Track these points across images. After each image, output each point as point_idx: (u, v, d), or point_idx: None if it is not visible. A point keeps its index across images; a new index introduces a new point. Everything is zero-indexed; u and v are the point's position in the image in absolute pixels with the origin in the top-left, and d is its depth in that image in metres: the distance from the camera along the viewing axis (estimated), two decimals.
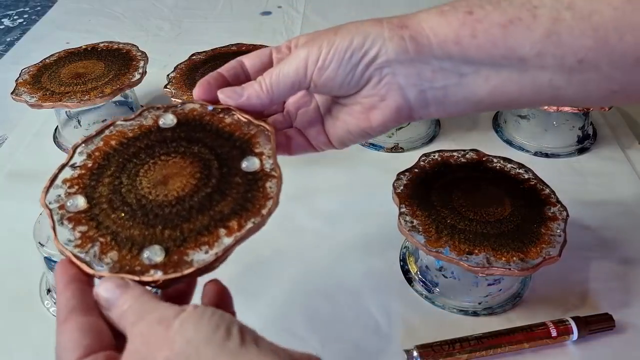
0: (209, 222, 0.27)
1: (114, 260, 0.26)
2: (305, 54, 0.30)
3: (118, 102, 0.61)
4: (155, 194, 0.28)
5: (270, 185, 0.29)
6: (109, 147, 0.31)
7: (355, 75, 0.30)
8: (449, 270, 0.41)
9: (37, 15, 0.91)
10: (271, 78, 0.31)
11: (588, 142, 0.58)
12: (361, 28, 0.30)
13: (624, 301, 0.42)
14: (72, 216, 0.28)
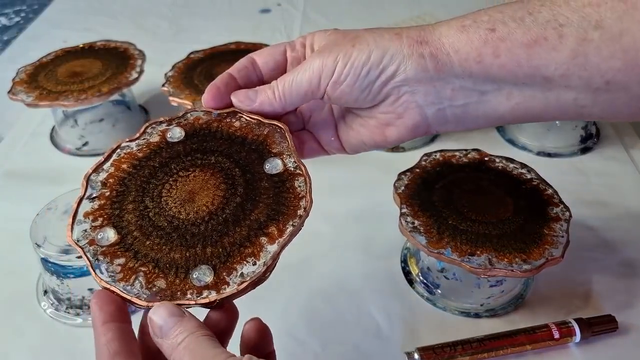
0: (248, 232, 0.27)
1: (162, 287, 0.25)
2: (319, 65, 0.29)
3: (115, 102, 0.60)
4: (186, 213, 0.28)
5: (299, 184, 0.28)
6: (122, 172, 0.30)
7: (372, 92, 0.30)
8: (451, 271, 0.41)
9: (34, 14, 0.91)
10: (284, 86, 0.30)
11: (591, 142, 0.57)
12: (380, 42, 0.29)
13: (627, 303, 0.41)
14: (105, 250, 0.27)
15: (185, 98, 0.53)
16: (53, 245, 0.39)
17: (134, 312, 0.35)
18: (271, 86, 0.31)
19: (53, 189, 0.49)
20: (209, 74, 0.56)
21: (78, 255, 0.37)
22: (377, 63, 0.29)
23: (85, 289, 0.40)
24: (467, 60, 0.28)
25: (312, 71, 0.29)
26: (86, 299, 0.41)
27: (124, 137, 0.32)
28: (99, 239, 0.27)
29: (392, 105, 0.30)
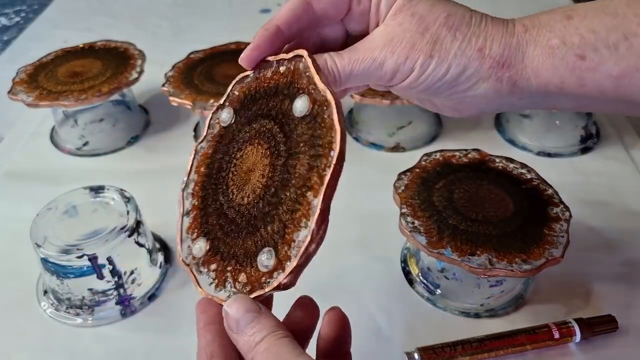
0: (295, 192, 0.24)
1: (244, 282, 0.24)
2: (393, 67, 0.27)
3: (115, 102, 0.60)
4: (247, 196, 0.26)
5: (328, 114, 0.24)
6: (201, 176, 0.29)
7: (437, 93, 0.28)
8: (451, 271, 0.40)
9: (34, 14, 0.91)
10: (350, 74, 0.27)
11: (591, 142, 0.57)
12: (461, 58, 0.26)
13: (627, 303, 0.41)
14: (202, 260, 0.27)
15: (185, 98, 0.53)
16: (53, 245, 0.39)
17: None
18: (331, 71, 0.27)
19: (53, 189, 0.49)
20: (209, 74, 0.56)
21: (78, 256, 0.38)
22: (453, 79, 0.27)
23: (85, 288, 0.40)
24: (547, 85, 0.26)
25: (385, 71, 0.27)
26: (86, 299, 0.41)
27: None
28: (195, 252, 0.27)
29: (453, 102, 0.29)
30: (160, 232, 0.48)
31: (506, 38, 0.26)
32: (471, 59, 0.27)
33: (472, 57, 0.26)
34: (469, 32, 0.27)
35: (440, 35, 0.27)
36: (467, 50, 0.27)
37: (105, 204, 0.42)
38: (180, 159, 0.57)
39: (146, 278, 0.43)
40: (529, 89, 0.27)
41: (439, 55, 0.26)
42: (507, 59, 0.26)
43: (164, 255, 0.46)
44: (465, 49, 0.27)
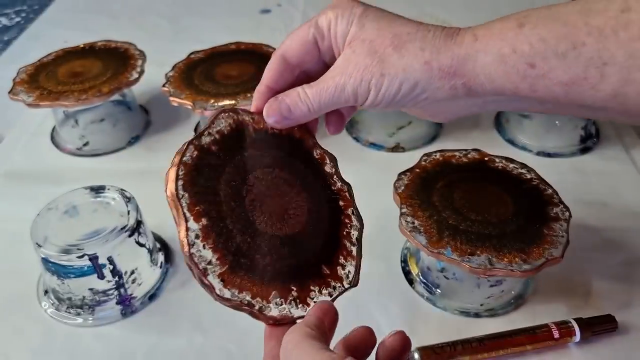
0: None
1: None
2: (353, 90, 0.30)
3: (116, 102, 0.60)
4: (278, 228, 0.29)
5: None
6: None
7: (405, 106, 0.31)
8: (451, 271, 0.41)
9: (35, 14, 0.91)
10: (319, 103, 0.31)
11: (591, 142, 0.57)
12: (410, 72, 0.28)
13: (627, 302, 0.41)
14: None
15: (185, 98, 0.53)
16: (54, 245, 0.39)
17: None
18: (304, 102, 0.31)
19: (54, 189, 0.49)
20: (210, 74, 0.56)
21: (79, 255, 0.38)
22: (408, 93, 0.29)
23: (85, 288, 0.40)
24: (502, 89, 0.28)
25: (347, 94, 0.30)
26: (87, 299, 0.41)
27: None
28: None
29: (428, 110, 0.31)
30: (160, 232, 0.48)
31: (453, 49, 0.28)
32: (420, 72, 0.28)
33: (420, 71, 0.28)
34: (415, 48, 0.29)
35: (388, 55, 0.29)
36: (415, 65, 0.28)
37: (106, 204, 0.42)
38: None
39: (147, 278, 0.43)
40: (485, 93, 0.28)
41: (389, 73, 0.29)
42: (456, 68, 0.28)
43: (164, 255, 0.46)
44: (413, 63, 0.28)
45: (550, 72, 0.26)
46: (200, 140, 0.30)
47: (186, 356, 0.39)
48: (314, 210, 0.30)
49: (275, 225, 0.29)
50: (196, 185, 0.28)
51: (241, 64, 0.58)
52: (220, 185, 0.29)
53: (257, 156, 0.30)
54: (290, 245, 0.29)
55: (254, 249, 0.28)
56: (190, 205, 0.27)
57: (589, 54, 0.25)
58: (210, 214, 0.27)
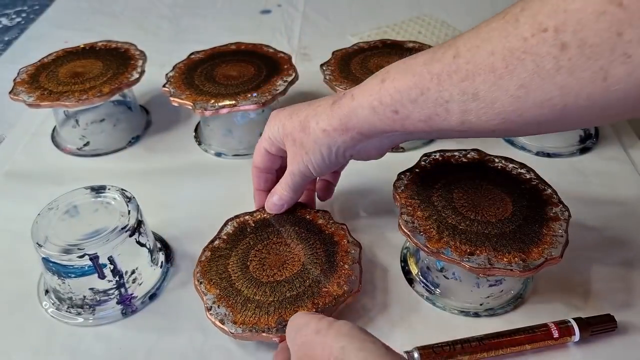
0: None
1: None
2: (298, 172, 0.40)
3: (116, 102, 0.61)
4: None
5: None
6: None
7: (341, 161, 0.40)
8: (450, 271, 0.41)
9: (36, 14, 0.91)
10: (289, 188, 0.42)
11: (590, 142, 0.58)
12: (319, 142, 0.38)
13: (626, 302, 0.41)
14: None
15: (186, 98, 0.53)
16: (54, 245, 0.39)
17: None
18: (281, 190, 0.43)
19: (54, 189, 0.49)
20: (210, 75, 0.57)
21: (79, 255, 0.38)
22: (328, 153, 0.38)
23: (86, 288, 0.40)
24: (384, 130, 0.35)
25: (298, 175, 0.41)
26: (87, 299, 0.41)
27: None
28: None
29: (359, 155, 0.40)
30: (161, 232, 0.48)
31: (338, 113, 0.37)
32: (324, 139, 0.38)
33: (323, 137, 0.38)
34: (313, 125, 0.38)
35: (301, 138, 0.39)
36: (318, 135, 0.38)
37: (107, 204, 0.42)
38: (181, 159, 0.58)
39: (147, 277, 0.43)
40: (376, 134, 0.36)
41: (308, 150, 0.39)
42: (345, 125, 0.36)
43: (164, 255, 0.46)
44: (317, 135, 0.38)
45: (410, 115, 0.33)
46: (212, 244, 0.42)
47: (186, 356, 0.39)
48: (309, 253, 0.41)
49: (276, 275, 0.39)
50: (210, 272, 0.40)
51: (241, 65, 0.58)
52: (229, 265, 0.40)
53: (257, 237, 0.42)
54: (290, 283, 0.38)
55: (259, 295, 0.38)
56: (207, 285, 0.39)
57: (434, 96, 0.32)
58: (222, 285, 0.39)
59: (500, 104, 0.30)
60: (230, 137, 0.57)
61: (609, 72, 0.26)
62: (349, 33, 0.80)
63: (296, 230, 0.43)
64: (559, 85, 0.27)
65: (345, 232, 0.43)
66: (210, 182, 0.54)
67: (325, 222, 0.43)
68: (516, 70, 0.28)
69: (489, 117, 0.30)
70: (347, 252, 0.41)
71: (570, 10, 0.26)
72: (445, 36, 0.79)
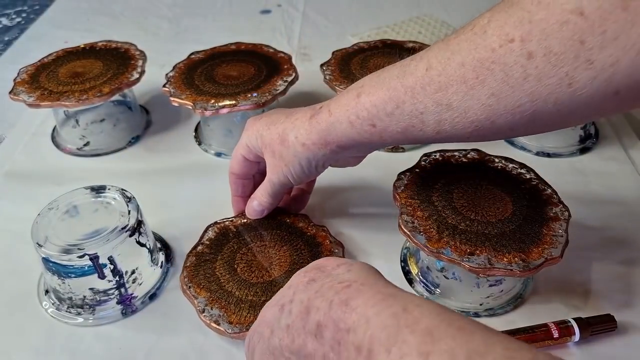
0: None
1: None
2: (277, 181, 0.41)
3: (116, 102, 0.61)
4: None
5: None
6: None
7: (320, 171, 0.41)
8: (450, 271, 0.41)
9: (36, 14, 0.91)
10: (268, 195, 0.43)
11: (590, 142, 0.58)
12: (299, 155, 0.39)
13: (626, 302, 0.41)
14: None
15: (186, 98, 0.53)
16: (54, 245, 0.39)
17: None
18: (260, 196, 0.43)
19: (54, 189, 0.49)
20: (210, 75, 0.57)
21: (79, 255, 0.38)
22: (308, 165, 0.39)
23: (86, 288, 0.40)
24: (363, 143, 0.36)
25: (277, 184, 0.41)
26: (87, 299, 0.41)
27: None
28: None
29: (338, 162, 0.42)
30: (161, 232, 0.48)
31: (317, 127, 0.37)
32: (303, 152, 0.38)
33: (303, 151, 0.38)
34: (292, 138, 0.39)
35: (280, 151, 0.40)
36: (298, 149, 0.38)
37: (107, 204, 0.42)
38: (181, 159, 0.58)
39: (147, 277, 0.43)
40: (355, 147, 0.37)
41: (288, 162, 0.39)
42: (324, 139, 0.37)
43: (164, 255, 0.46)
44: (296, 149, 0.39)
45: (387, 127, 0.34)
46: (196, 249, 0.43)
47: (186, 356, 0.39)
48: (294, 254, 0.42)
49: (265, 276, 0.40)
50: (198, 276, 0.40)
51: (241, 65, 0.58)
52: (216, 269, 0.41)
53: (240, 241, 0.43)
54: (281, 282, 0.39)
55: (251, 295, 0.38)
56: (197, 289, 0.39)
57: (409, 108, 0.33)
58: (212, 288, 0.39)
59: (473, 113, 0.31)
60: (230, 137, 0.57)
61: (574, 77, 0.27)
62: (349, 33, 0.80)
63: (278, 234, 0.43)
64: (528, 92, 0.29)
65: (326, 234, 0.44)
66: (210, 182, 0.54)
67: (305, 225, 0.44)
68: (487, 80, 0.29)
69: (463, 125, 0.32)
70: (330, 252, 0.42)
71: (535, 21, 0.27)
72: (445, 36, 0.78)
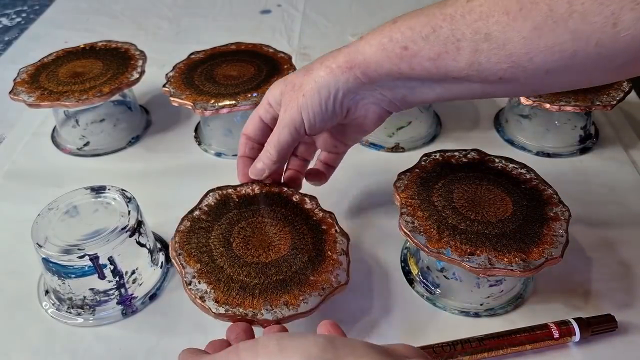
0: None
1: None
2: (290, 120, 0.38)
3: (116, 102, 0.61)
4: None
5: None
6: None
7: (337, 113, 0.38)
8: (451, 271, 0.41)
9: (36, 14, 0.91)
10: (274, 146, 0.39)
11: (590, 142, 0.58)
12: (320, 81, 0.36)
13: (626, 302, 0.41)
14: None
15: (186, 98, 0.53)
16: (54, 245, 0.39)
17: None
18: (266, 150, 0.40)
19: (54, 189, 0.49)
20: (210, 75, 0.57)
21: (79, 256, 0.38)
22: (327, 96, 0.37)
23: (86, 288, 0.40)
24: (390, 72, 0.35)
25: (289, 127, 0.38)
26: (87, 299, 0.41)
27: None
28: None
29: (356, 112, 0.39)
30: (161, 232, 0.48)
31: (344, 51, 0.36)
32: (326, 77, 0.36)
33: (326, 75, 0.36)
34: (317, 65, 0.37)
35: (302, 82, 0.37)
36: (321, 73, 0.37)
37: (107, 204, 0.42)
38: (181, 159, 0.58)
39: (147, 278, 0.43)
40: (380, 78, 0.35)
41: (306, 91, 0.37)
42: (352, 63, 0.36)
43: (164, 255, 0.46)
44: (319, 73, 0.37)
45: (420, 52, 0.33)
46: (192, 214, 0.40)
47: None
48: (296, 238, 0.38)
49: (261, 256, 0.37)
50: (190, 243, 0.38)
51: (241, 65, 0.58)
52: (210, 239, 0.38)
53: (241, 213, 0.40)
54: (276, 266, 0.36)
55: (243, 275, 0.36)
56: (187, 257, 0.37)
57: (446, 34, 0.32)
58: (203, 259, 0.36)
59: (512, 46, 0.30)
60: (230, 137, 0.57)
61: (620, 17, 0.26)
62: (349, 33, 0.80)
63: (282, 213, 0.40)
64: (571, 30, 0.28)
65: (333, 221, 0.41)
66: (210, 182, 0.54)
67: (312, 208, 0.41)
68: (530, 14, 0.29)
69: (499, 58, 0.30)
70: (335, 242, 0.39)
71: None
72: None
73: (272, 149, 0.39)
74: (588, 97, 0.52)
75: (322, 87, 0.36)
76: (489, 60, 0.31)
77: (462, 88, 0.34)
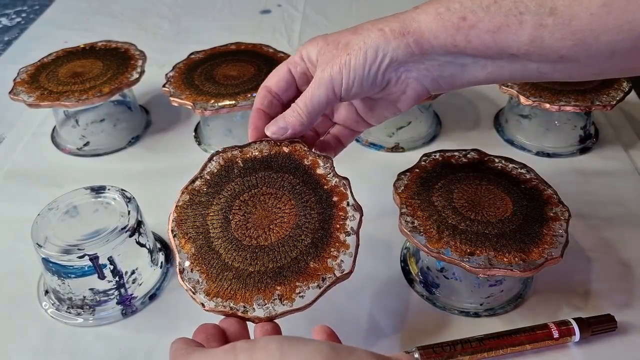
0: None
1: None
2: (329, 79, 0.34)
3: (116, 102, 0.61)
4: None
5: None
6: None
7: (377, 82, 0.35)
8: (450, 271, 0.41)
9: (35, 14, 0.91)
10: (306, 104, 0.35)
11: (590, 142, 0.58)
12: (369, 41, 0.34)
13: (626, 302, 0.41)
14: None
15: (185, 98, 0.53)
16: (54, 245, 0.39)
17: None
18: (294, 109, 0.36)
19: (54, 189, 0.49)
20: (210, 75, 0.57)
21: (79, 256, 0.38)
22: (373, 60, 0.34)
23: (86, 288, 0.40)
24: (445, 45, 0.32)
25: (326, 85, 0.34)
26: (87, 299, 0.41)
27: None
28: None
29: (395, 86, 0.36)
30: (161, 232, 0.48)
31: (399, 17, 0.34)
32: (377, 38, 0.34)
33: (376, 37, 0.34)
34: (368, 25, 0.35)
35: (349, 40, 0.34)
36: (371, 34, 0.34)
37: (106, 204, 0.42)
38: (180, 159, 0.58)
39: (147, 278, 0.43)
40: (433, 50, 0.33)
41: (353, 50, 0.34)
42: (404, 29, 0.33)
43: (164, 255, 0.46)
44: (369, 34, 0.34)
45: (479, 23, 0.31)
46: (193, 184, 0.36)
47: None
48: (301, 214, 0.34)
49: (260, 238, 0.34)
50: (186, 222, 0.34)
51: (241, 65, 0.58)
52: (208, 217, 0.34)
53: (244, 182, 0.36)
54: (275, 251, 0.33)
55: (238, 261, 0.33)
56: (181, 238, 0.34)
57: (508, 5, 0.30)
58: (198, 242, 0.33)
59: (578, 22, 0.28)
60: (230, 136, 0.57)
61: None
62: None
63: (290, 181, 0.36)
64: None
65: (347, 191, 0.35)
66: None
67: (325, 173, 0.36)
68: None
69: (563, 34, 0.29)
70: (344, 219, 0.34)
71: None
72: None
73: (302, 108, 0.35)
74: (588, 97, 0.52)
75: (370, 48, 0.34)
76: (552, 36, 0.29)
77: (516, 68, 0.32)
